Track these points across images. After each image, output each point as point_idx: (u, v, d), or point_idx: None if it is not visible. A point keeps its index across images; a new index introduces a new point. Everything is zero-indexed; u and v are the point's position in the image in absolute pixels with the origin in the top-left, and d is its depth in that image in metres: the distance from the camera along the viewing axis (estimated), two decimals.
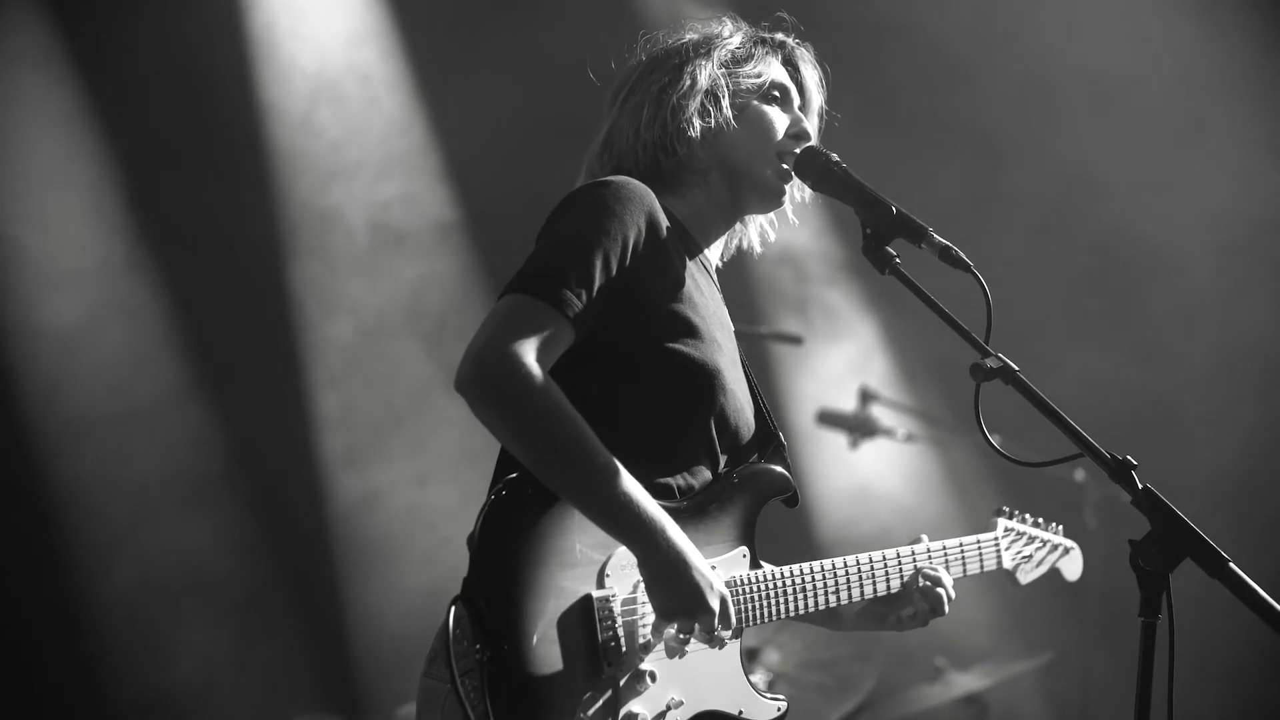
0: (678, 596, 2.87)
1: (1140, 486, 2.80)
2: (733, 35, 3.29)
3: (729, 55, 3.24)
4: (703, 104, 3.18)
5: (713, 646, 3.02)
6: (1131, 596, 2.77)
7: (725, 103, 3.19)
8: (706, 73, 3.20)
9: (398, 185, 7.63)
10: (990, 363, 2.92)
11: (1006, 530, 3.51)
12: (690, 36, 3.28)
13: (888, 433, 7.01)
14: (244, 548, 7.35)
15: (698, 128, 3.16)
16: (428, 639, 3.00)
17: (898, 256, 3.08)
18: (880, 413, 7.03)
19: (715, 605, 2.89)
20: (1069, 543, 3.63)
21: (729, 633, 3.03)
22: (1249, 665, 7.06)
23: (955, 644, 7.42)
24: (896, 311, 7.85)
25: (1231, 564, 2.71)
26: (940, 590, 3.28)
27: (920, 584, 3.29)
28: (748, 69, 3.24)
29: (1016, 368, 2.93)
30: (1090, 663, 6.58)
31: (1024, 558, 3.53)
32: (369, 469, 7.51)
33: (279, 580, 7.41)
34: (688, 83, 3.18)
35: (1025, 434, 4.36)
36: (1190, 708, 3.12)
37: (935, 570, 3.31)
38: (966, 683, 6.37)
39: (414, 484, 7.49)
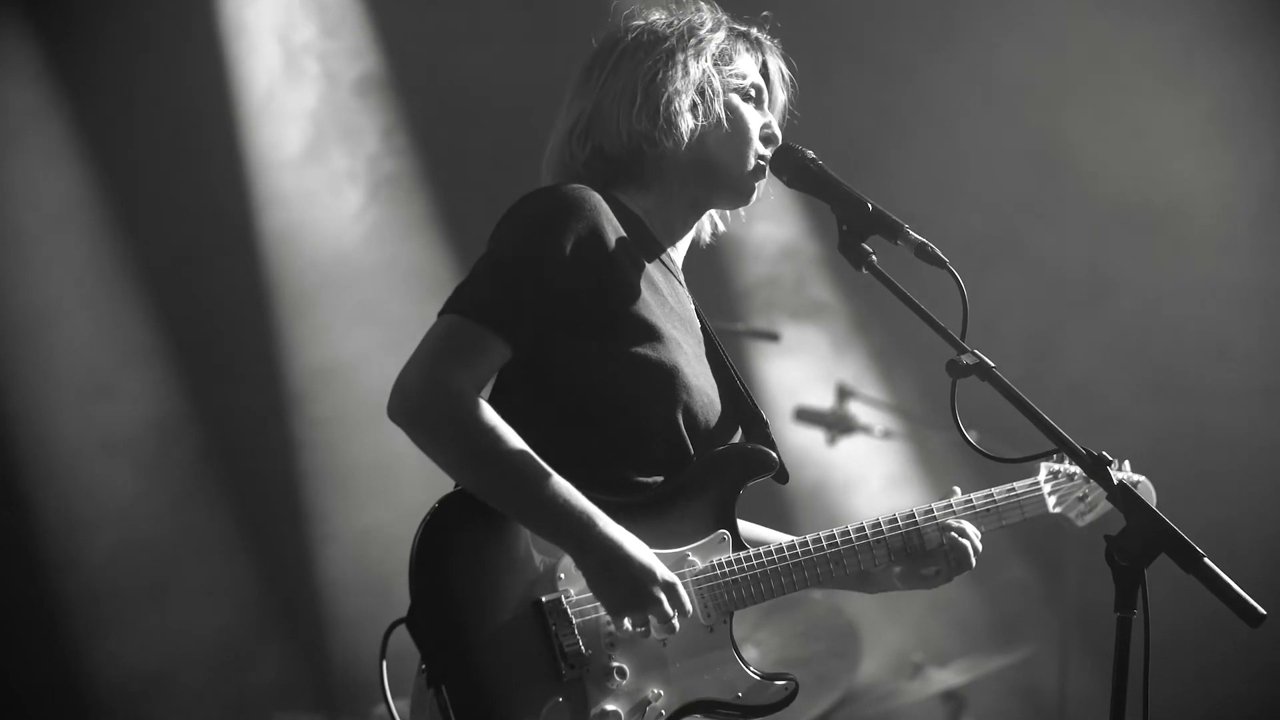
0: (619, 591, 2.84)
1: (1116, 482, 2.80)
2: (716, 28, 3.25)
3: (717, 51, 3.22)
4: (694, 101, 3.16)
5: (670, 635, 2.91)
6: (1108, 592, 2.78)
7: (717, 102, 3.18)
8: (699, 68, 3.18)
9: (382, 198, 7.65)
10: (966, 359, 2.92)
11: (1051, 473, 3.25)
12: (673, 22, 3.24)
13: (865, 429, 7.01)
14: (222, 547, 7.32)
15: (688, 123, 3.15)
16: (407, 640, 2.96)
17: (874, 253, 3.08)
18: (857, 409, 7.03)
19: (660, 594, 2.85)
20: (1136, 476, 3.19)
21: (711, 621, 2.96)
22: (1223, 660, 7.08)
23: (933, 640, 7.43)
24: (873, 307, 7.86)
25: (1206, 559, 2.72)
26: (965, 542, 3.14)
27: (944, 540, 3.15)
28: (733, 68, 3.23)
29: (993, 364, 2.93)
30: (1067, 658, 6.60)
31: (1077, 498, 3.26)
32: (353, 469, 7.49)
33: (259, 579, 7.39)
34: (679, 76, 3.15)
35: (1004, 428, 4.36)
36: (1165, 702, 3.12)
37: (960, 522, 3.17)
38: (944, 679, 6.38)
39: (402, 484, 7.46)
